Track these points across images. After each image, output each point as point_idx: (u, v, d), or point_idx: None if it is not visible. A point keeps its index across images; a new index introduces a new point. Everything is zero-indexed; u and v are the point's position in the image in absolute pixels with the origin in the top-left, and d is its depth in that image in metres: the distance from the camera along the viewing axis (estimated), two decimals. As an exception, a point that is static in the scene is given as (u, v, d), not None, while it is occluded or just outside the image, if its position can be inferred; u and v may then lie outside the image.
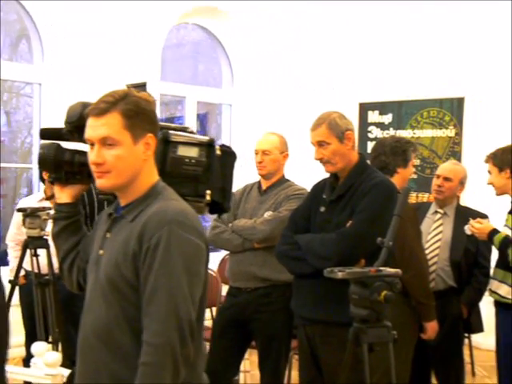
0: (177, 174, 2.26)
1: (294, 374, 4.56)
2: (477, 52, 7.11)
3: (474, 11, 7.09)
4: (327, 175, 3.55)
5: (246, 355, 4.80)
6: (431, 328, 3.97)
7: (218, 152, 2.38)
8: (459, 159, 7.05)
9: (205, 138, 2.35)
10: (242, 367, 4.93)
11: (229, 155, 2.45)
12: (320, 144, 3.41)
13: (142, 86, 2.32)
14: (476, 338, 5.97)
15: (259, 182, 4.26)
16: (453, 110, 7.41)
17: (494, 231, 4.16)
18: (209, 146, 2.33)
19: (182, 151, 2.27)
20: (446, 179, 4.45)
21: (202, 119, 8.62)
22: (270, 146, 4.21)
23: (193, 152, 2.28)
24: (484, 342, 6.19)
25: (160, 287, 1.97)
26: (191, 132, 2.39)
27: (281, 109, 7.83)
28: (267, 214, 4.06)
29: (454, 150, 7.38)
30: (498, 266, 4.23)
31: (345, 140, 3.39)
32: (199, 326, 2.10)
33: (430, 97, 7.52)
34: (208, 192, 2.33)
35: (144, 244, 2.00)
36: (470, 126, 7.25)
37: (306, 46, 8.03)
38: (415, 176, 7.44)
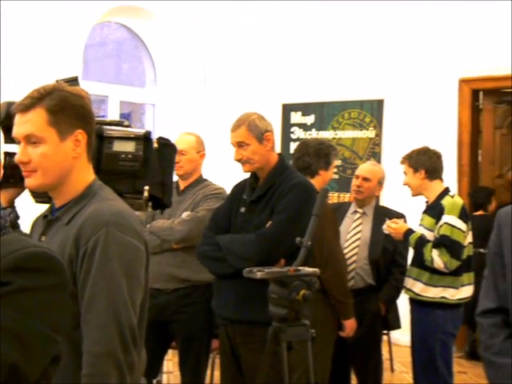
0: (113, 171, 2.17)
1: (216, 374, 4.57)
2: (396, 55, 7.25)
3: (393, 14, 7.23)
4: (247, 175, 3.58)
5: (170, 356, 4.80)
6: (349, 326, 4.05)
7: (156, 145, 2.30)
8: (379, 160, 7.18)
9: (141, 131, 2.28)
10: (165, 368, 4.91)
11: (167, 148, 2.37)
12: (240, 145, 3.44)
13: (73, 81, 2.21)
14: (395, 334, 6.10)
15: (177, 182, 4.26)
16: (373, 111, 7.54)
17: (409, 231, 4.28)
18: (145, 139, 2.24)
19: (118, 146, 2.18)
20: (365, 179, 4.54)
21: (126, 119, 8.54)
22: (187, 146, 4.21)
23: (129, 147, 2.20)
24: (402, 338, 6.33)
25: (99, 293, 1.88)
26: (127, 126, 2.31)
27: (204, 109, 7.82)
28: (185, 215, 4.05)
29: (374, 150, 7.52)
30: (413, 264, 4.35)
31: (264, 141, 3.43)
32: (141, 331, 2.02)
33: (351, 98, 7.64)
34: (146, 188, 2.25)
35: (80, 248, 1.91)
36: (389, 127, 7.40)
37: (229, 47, 8.05)
38: (336, 176, 7.54)
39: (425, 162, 4.35)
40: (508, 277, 2.34)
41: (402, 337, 6.29)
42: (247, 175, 3.58)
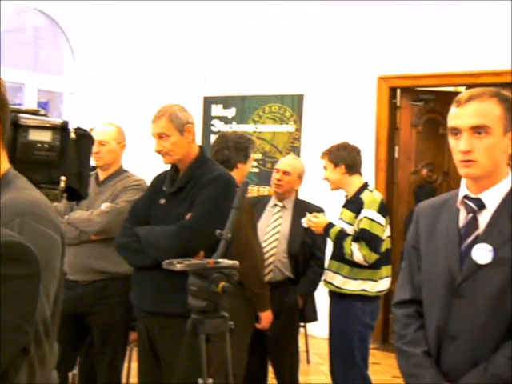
0: (28, 160, 2.11)
1: (134, 367, 4.54)
2: (316, 51, 7.34)
3: (314, 11, 7.31)
4: (168, 167, 3.56)
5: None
6: (265, 317, 4.09)
7: (73, 135, 2.24)
8: (298, 154, 7.25)
9: (58, 121, 2.22)
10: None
11: (85, 138, 2.32)
12: (160, 136, 3.42)
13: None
14: (311, 326, 6.17)
15: (96, 173, 4.20)
16: (293, 106, 7.61)
17: (330, 225, 4.34)
18: (62, 129, 2.19)
19: (34, 135, 2.13)
20: (285, 173, 4.58)
21: (43, 108, 8.37)
22: (107, 137, 4.16)
23: (45, 136, 2.15)
24: (318, 330, 6.42)
25: None
26: (44, 115, 2.23)
27: (124, 99, 7.74)
28: (104, 206, 4.00)
29: (293, 144, 7.59)
30: (332, 257, 4.42)
31: (185, 133, 3.42)
32: (54, 323, 1.95)
33: (272, 93, 7.69)
34: (63, 178, 2.19)
35: None
36: (308, 122, 7.49)
37: (152, 36, 7.98)
38: (256, 170, 7.60)
39: (345, 157, 4.42)
40: (423, 270, 2.41)
41: (318, 329, 6.38)
42: (168, 167, 3.56)
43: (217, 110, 8.08)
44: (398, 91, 7.19)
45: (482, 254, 2.23)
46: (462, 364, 2.24)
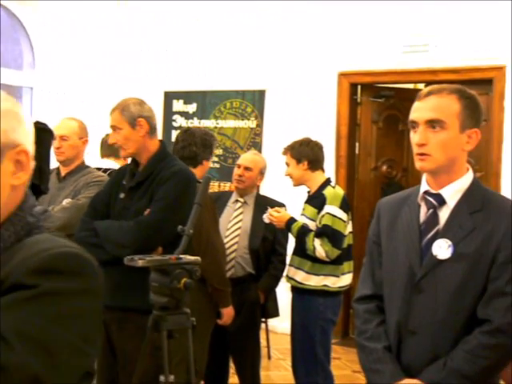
0: None
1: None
2: (278, 47, 7.34)
3: (275, 7, 7.30)
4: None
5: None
6: (227, 313, 4.08)
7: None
8: (260, 150, 7.26)
9: None
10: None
11: (44, 133, 2.32)
12: (113, 128, 3.41)
13: None
14: (272, 322, 6.18)
15: (58, 169, 4.15)
16: (255, 101, 7.61)
17: (291, 220, 4.35)
18: None
19: None
20: (247, 169, 4.57)
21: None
22: (69, 132, 4.12)
23: None
24: (280, 326, 6.44)
25: None
26: None
27: (84, 94, 7.66)
28: (65, 202, 3.96)
29: (255, 140, 7.59)
30: (294, 253, 4.42)
31: (137, 126, 3.39)
32: None
33: (233, 88, 7.68)
34: None
35: None
36: (270, 118, 7.49)
37: (111, 31, 7.91)
38: (218, 165, 7.58)
39: (308, 153, 4.42)
40: (384, 265, 2.43)
41: (279, 324, 6.40)
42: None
43: (178, 105, 8.04)
44: (359, 87, 7.23)
45: (442, 249, 2.26)
46: (421, 359, 2.27)
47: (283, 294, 4.70)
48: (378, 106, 7.23)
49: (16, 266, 1.23)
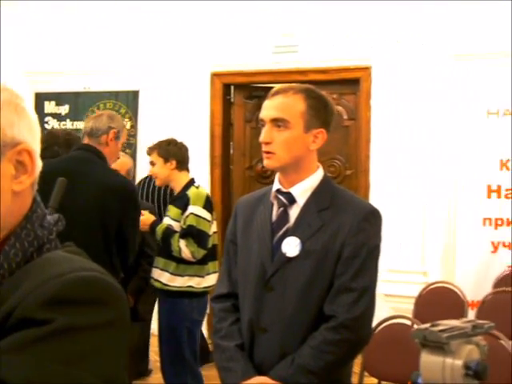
0: None
1: None
2: (151, 48, 7.28)
3: (148, 8, 7.24)
4: None
5: None
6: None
7: None
8: (135, 151, 7.20)
9: None
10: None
11: None
12: None
13: None
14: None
15: None
16: (128, 102, 7.52)
17: (156, 222, 4.33)
18: None
19: None
20: None
21: None
22: None
23: None
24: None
25: None
26: None
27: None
28: None
29: (129, 142, 7.49)
30: (159, 254, 4.41)
31: None
32: None
33: (106, 89, 7.57)
34: None
35: None
36: (144, 119, 7.42)
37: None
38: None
39: (176, 153, 4.43)
40: (239, 264, 2.45)
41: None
42: None
43: (50, 106, 7.83)
44: (232, 88, 7.27)
45: (291, 246, 2.29)
46: (272, 356, 2.30)
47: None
48: (251, 106, 7.28)
49: (24, 295, 1.02)
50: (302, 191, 2.35)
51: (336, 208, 2.32)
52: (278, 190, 2.38)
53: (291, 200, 2.35)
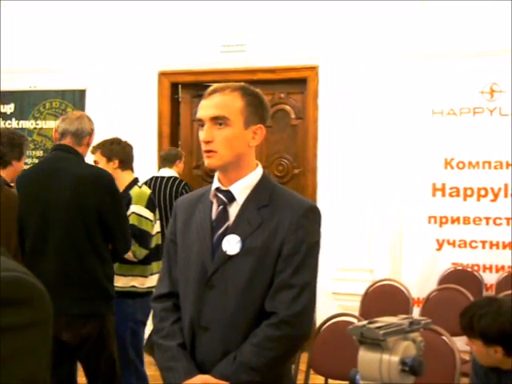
0: None
1: None
2: (97, 46, 7.22)
3: (97, 6, 7.17)
4: None
5: None
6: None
7: None
8: (82, 151, 7.11)
9: None
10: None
11: None
12: None
13: None
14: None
15: None
16: (75, 101, 7.45)
17: None
18: None
19: None
20: None
21: None
22: None
23: None
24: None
25: None
26: None
27: None
28: None
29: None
30: None
31: None
32: None
33: (52, 87, 7.47)
34: None
35: None
36: (91, 117, 7.29)
37: None
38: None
39: (119, 152, 4.40)
40: (179, 263, 2.43)
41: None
42: None
43: (-5, 105, 7.72)
44: (180, 87, 7.25)
45: (231, 244, 2.28)
46: (214, 354, 2.29)
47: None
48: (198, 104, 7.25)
49: None
50: (242, 189, 2.34)
51: (275, 205, 2.32)
52: (218, 189, 2.37)
53: (230, 198, 2.34)
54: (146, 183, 5.84)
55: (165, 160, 6.17)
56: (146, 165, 4.84)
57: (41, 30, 7.40)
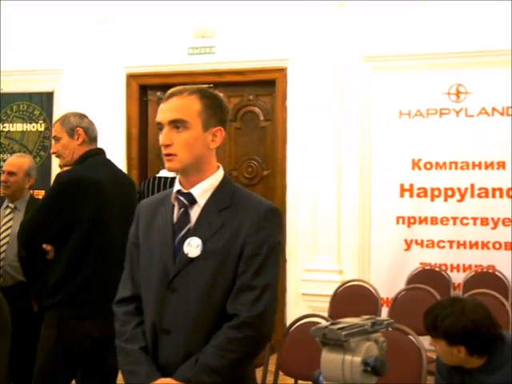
0: None
1: None
2: (64, 47, 7.17)
3: (66, 5, 7.13)
4: None
5: None
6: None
7: None
8: (50, 153, 7.06)
9: None
10: None
11: None
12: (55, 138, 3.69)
13: None
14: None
15: None
16: (42, 104, 7.40)
17: None
18: None
19: None
20: (10, 173, 4.42)
21: None
22: None
23: None
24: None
25: None
26: None
27: None
28: None
29: (44, 144, 7.38)
30: None
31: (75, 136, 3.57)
32: None
33: (20, 90, 7.41)
34: None
35: None
36: (58, 120, 7.28)
37: None
38: (3, 171, 7.28)
39: None
40: (141, 266, 2.42)
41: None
42: None
43: (-39, 109, 7.64)
44: (148, 89, 7.23)
45: (192, 247, 2.28)
46: (176, 357, 2.28)
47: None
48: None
49: None
50: (203, 191, 2.33)
51: (236, 207, 2.32)
52: (179, 191, 2.36)
53: (192, 200, 2.34)
54: (146, 183, 5.83)
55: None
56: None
57: (5, 32, 7.32)
